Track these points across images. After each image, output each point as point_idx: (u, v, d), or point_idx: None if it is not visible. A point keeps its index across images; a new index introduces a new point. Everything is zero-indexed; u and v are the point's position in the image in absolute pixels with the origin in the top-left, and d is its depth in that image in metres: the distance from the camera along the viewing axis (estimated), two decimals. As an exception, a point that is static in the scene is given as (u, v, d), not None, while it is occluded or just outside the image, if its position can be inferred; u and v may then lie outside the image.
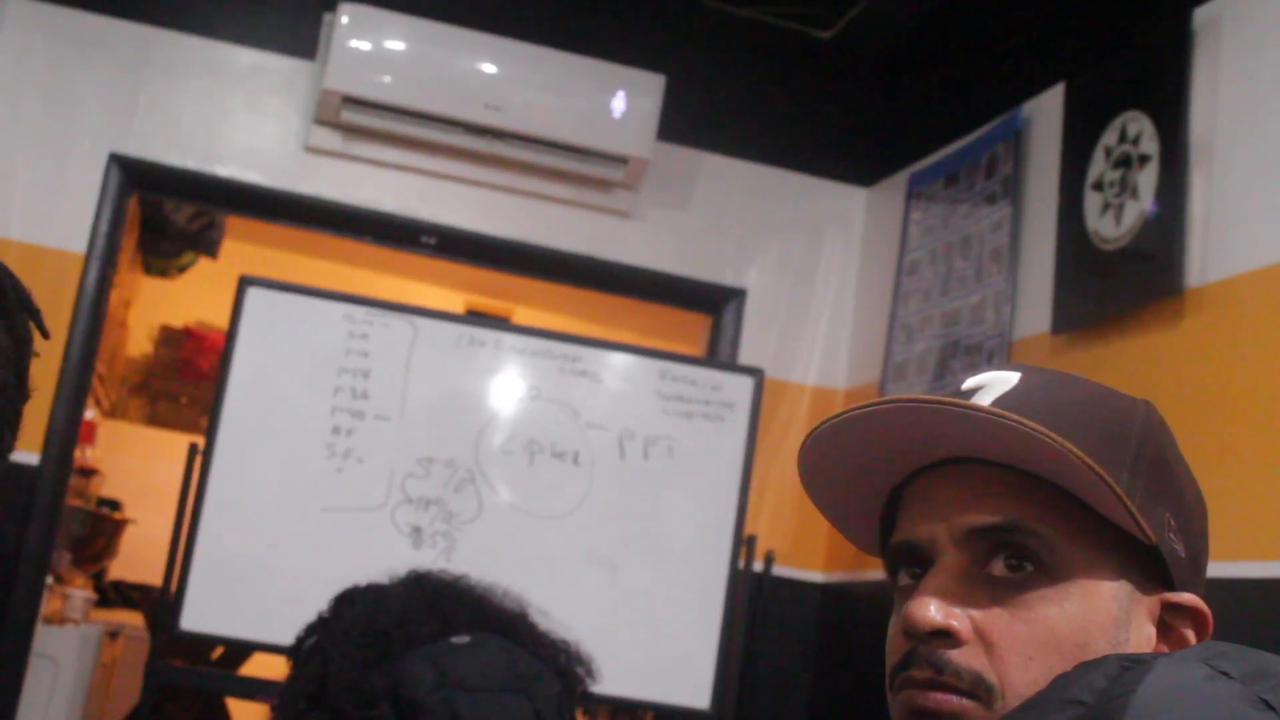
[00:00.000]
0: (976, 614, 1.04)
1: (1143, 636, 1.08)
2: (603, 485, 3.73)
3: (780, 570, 4.01)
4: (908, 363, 4.10)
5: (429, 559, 3.39)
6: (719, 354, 4.37)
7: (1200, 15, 3.20)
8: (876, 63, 4.58)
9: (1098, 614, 1.05)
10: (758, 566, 3.86)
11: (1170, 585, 1.09)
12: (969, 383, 1.13)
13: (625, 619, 3.62)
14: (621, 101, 4.10)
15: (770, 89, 4.56)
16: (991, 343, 3.77)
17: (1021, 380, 1.11)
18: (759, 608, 3.93)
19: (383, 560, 3.20)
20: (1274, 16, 3.07)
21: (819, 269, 4.56)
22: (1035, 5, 3.96)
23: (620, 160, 4.15)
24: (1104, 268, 3.40)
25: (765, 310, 4.43)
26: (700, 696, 3.64)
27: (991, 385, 1.12)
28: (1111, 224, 3.36)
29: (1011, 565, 1.06)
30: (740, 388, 3.87)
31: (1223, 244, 3.07)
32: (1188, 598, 1.09)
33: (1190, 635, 1.08)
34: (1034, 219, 3.73)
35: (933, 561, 1.08)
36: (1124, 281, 3.31)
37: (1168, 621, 1.09)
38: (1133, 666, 0.93)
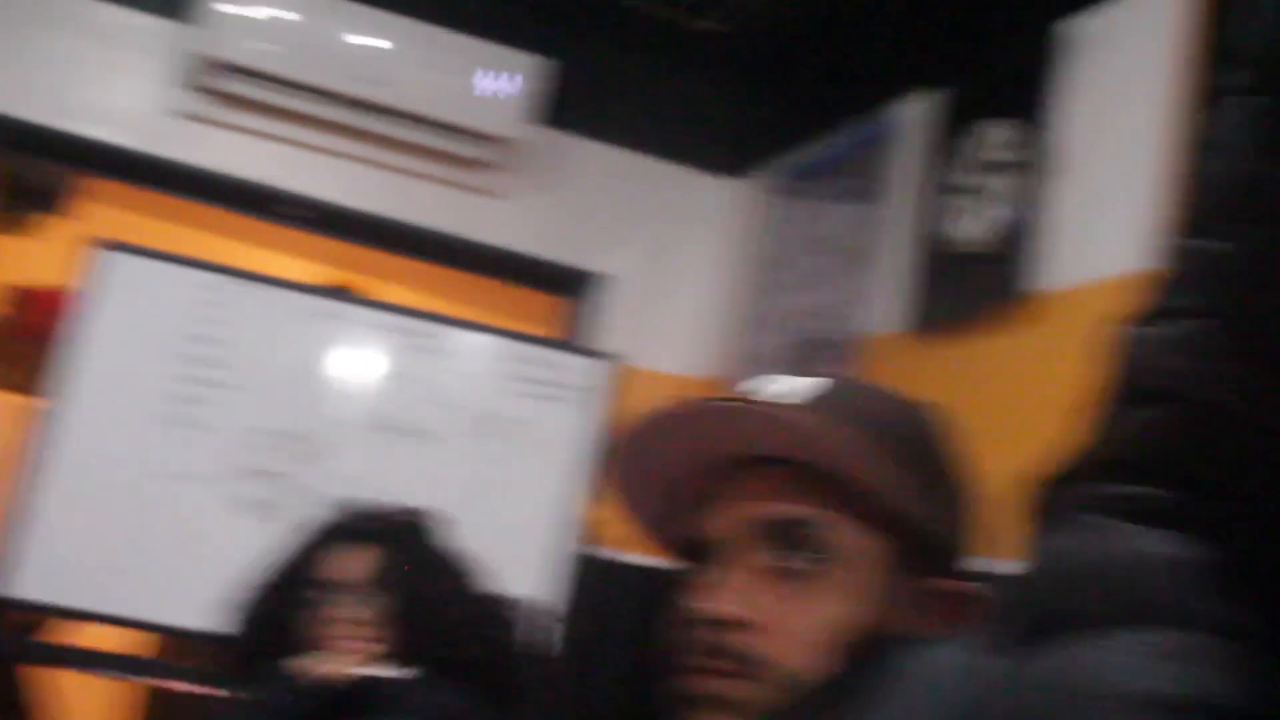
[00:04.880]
0: (763, 603, 1.10)
1: (916, 618, 1.14)
2: (453, 463, 3.75)
3: (623, 556, 4.02)
4: (765, 353, 4.15)
5: (273, 532, 3.39)
6: (581, 338, 4.41)
7: (1062, 30, 3.31)
8: (752, 58, 4.62)
9: (875, 600, 1.12)
10: (599, 551, 3.89)
11: (941, 571, 1.15)
12: (764, 385, 1.19)
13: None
14: (496, 81, 4.12)
15: (648, 78, 4.62)
16: (847, 339, 3.82)
17: (813, 384, 1.18)
18: (595, 588, 3.97)
19: (228, 532, 3.19)
20: (1128, 35, 3.20)
21: (685, 258, 4.62)
22: (907, 12, 4.04)
23: (492, 140, 4.17)
24: (959, 270, 3.48)
25: (629, 296, 4.49)
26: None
27: (792, 389, 1.18)
28: (968, 228, 3.44)
29: (797, 557, 1.12)
30: (596, 372, 3.92)
31: (1076, 251, 3.17)
32: (957, 583, 1.16)
33: (958, 616, 1.14)
34: (894, 219, 3.81)
35: (723, 554, 1.14)
36: (977, 284, 3.39)
37: (936, 605, 1.15)
38: (910, 647, 0.99)
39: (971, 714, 0.84)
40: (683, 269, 4.61)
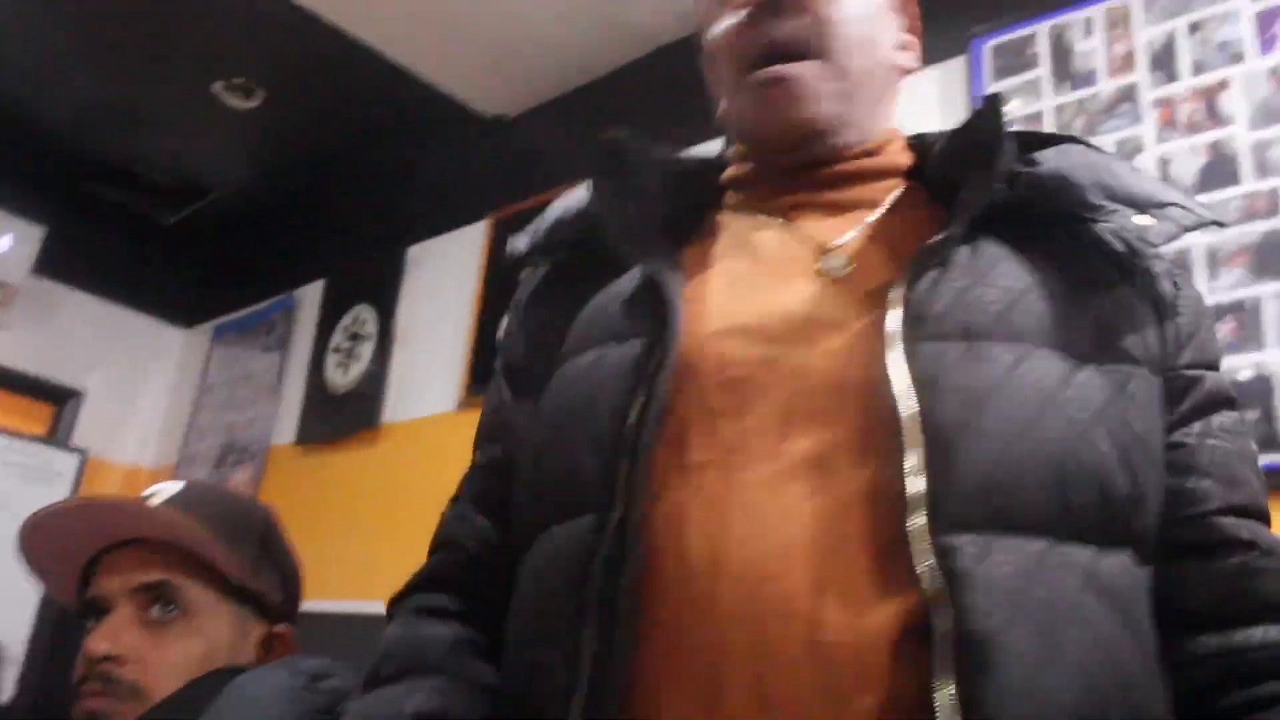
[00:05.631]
0: (136, 644, 1.16)
1: (252, 656, 1.23)
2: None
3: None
4: (198, 454, 4.36)
5: None
6: (59, 437, 4.50)
7: (407, 249, 3.89)
8: (204, 243, 4.87)
9: (222, 643, 1.19)
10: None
11: (272, 620, 1.25)
12: (149, 490, 1.26)
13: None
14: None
15: (127, 255, 4.79)
16: (256, 446, 4.07)
17: (183, 488, 1.27)
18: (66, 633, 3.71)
19: None
20: (449, 256, 3.69)
21: (146, 384, 4.72)
22: (309, 227, 4.45)
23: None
24: (334, 404, 3.83)
25: (106, 407, 4.63)
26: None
27: (163, 491, 1.26)
28: (341, 376, 3.85)
29: (162, 609, 1.18)
30: (68, 462, 4.12)
31: (409, 397, 3.60)
32: (281, 628, 1.25)
33: (285, 651, 1.25)
34: (295, 366, 4.14)
35: (111, 609, 1.20)
36: (346, 415, 3.76)
37: (269, 645, 1.25)
38: (238, 671, 1.11)
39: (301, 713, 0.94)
40: (142, 391, 4.74)
